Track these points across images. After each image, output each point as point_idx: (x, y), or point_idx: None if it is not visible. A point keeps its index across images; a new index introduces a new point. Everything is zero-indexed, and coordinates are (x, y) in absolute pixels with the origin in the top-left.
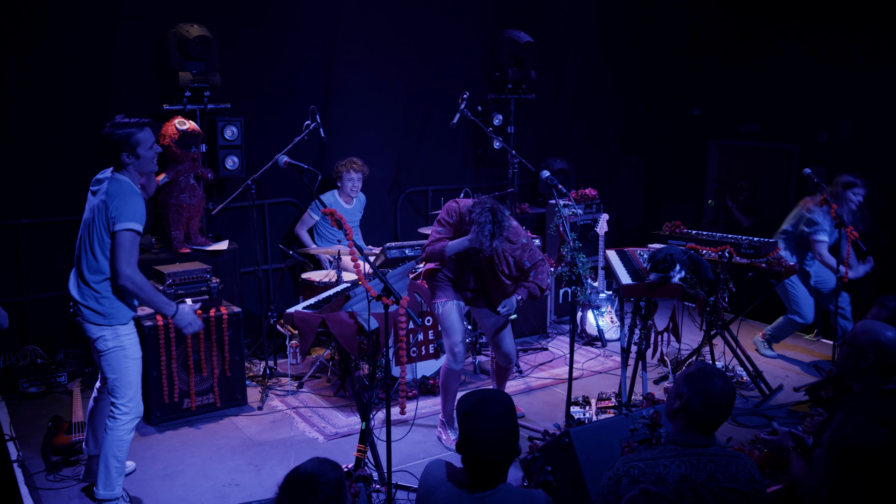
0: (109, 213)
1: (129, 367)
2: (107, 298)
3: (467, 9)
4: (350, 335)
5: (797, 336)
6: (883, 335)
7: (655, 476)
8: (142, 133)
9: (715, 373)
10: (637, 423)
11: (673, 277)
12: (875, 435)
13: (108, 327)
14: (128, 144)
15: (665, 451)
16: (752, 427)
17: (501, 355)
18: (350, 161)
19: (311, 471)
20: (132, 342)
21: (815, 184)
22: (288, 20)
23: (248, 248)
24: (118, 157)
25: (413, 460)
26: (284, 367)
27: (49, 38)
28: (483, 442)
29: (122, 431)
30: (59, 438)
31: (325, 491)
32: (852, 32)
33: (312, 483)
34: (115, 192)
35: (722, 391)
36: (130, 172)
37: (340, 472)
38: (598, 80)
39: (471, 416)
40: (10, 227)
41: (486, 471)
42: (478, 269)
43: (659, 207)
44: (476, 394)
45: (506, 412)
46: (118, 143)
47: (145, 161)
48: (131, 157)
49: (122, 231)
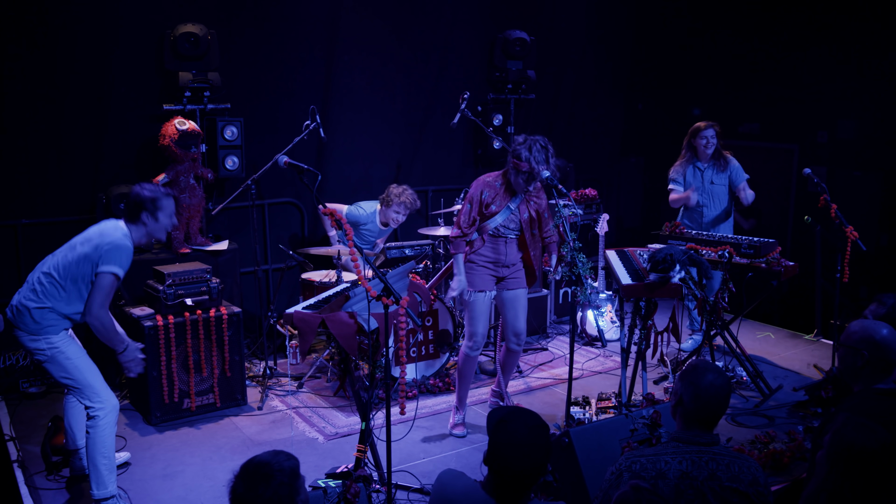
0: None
1: (78, 366)
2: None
3: (467, 8)
4: (350, 335)
5: (797, 336)
6: (877, 333)
7: (656, 471)
8: (168, 200)
9: (708, 368)
10: (637, 423)
11: (673, 277)
12: (876, 437)
13: (42, 338)
14: (154, 205)
15: (667, 448)
16: (752, 427)
17: (514, 334)
18: (405, 193)
19: (266, 460)
20: (66, 343)
21: (815, 184)
22: (288, 21)
23: (248, 248)
24: (138, 214)
25: (413, 460)
26: (284, 368)
27: (49, 37)
28: (516, 450)
29: (102, 428)
30: (58, 438)
31: (279, 478)
32: (853, 32)
33: (266, 470)
34: (112, 234)
35: (713, 384)
36: (139, 231)
37: (295, 463)
38: (599, 80)
39: (505, 424)
40: (10, 227)
41: (514, 483)
42: (517, 240)
43: (659, 207)
44: (511, 407)
45: (542, 425)
46: (144, 202)
47: (161, 227)
48: (150, 219)
49: (105, 273)
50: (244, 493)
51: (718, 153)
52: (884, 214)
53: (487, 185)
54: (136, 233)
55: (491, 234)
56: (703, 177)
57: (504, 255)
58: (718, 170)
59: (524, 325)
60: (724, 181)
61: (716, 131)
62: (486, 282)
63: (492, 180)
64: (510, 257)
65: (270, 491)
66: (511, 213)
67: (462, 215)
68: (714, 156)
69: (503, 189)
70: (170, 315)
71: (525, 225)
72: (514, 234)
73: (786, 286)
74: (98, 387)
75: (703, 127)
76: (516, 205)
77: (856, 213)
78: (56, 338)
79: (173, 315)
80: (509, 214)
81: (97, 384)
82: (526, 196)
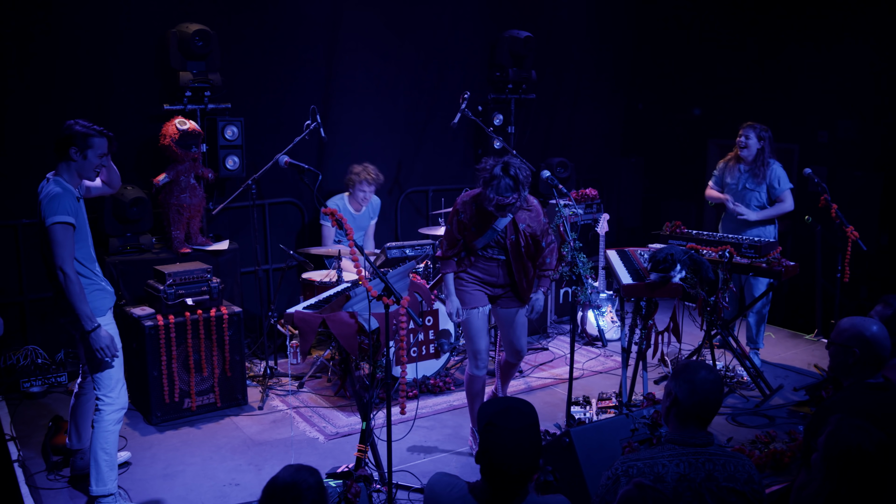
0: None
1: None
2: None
3: (468, 8)
4: (350, 335)
5: (797, 336)
6: (867, 329)
7: (654, 475)
8: (100, 140)
9: (700, 365)
10: (638, 423)
11: (673, 277)
12: (870, 437)
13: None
14: (84, 142)
15: (664, 451)
16: (753, 427)
17: (514, 352)
18: (366, 170)
19: (291, 479)
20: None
21: (816, 184)
22: (288, 20)
23: (249, 247)
24: (66, 150)
25: (414, 460)
26: (285, 367)
27: (50, 37)
28: (504, 454)
29: (107, 423)
30: (59, 438)
31: (309, 496)
32: (854, 31)
33: (295, 492)
34: (43, 190)
35: (706, 379)
36: (69, 170)
37: (319, 476)
38: (599, 80)
39: (493, 427)
40: (10, 227)
41: (506, 485)
42: (506, 263)
43: (659, 207)
44: (500, 402)
45: (530, 425)
46: (73, 138)
47: (89, 165)
48: (78, 155)
49: (50, 227)
50: None
51: (756, 160)
52: (884, 214)
53: (466, 204)
54: (67, 173)
55: (480, 254)
56: (739, 180)
57: (496, 277)
58: (753, 176)
59: (525, 344)
60: (759, 190)
61: (757, 134)
62: (479, 298)
63: (470, 200)
64: (503, 279)
65: None
66: (496, 235)
67: (444, 235)
68: (753, 160)
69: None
70: (170, 315)
71: (511, 248)
72: (502, 256)
73: (786, 286)
74: (116, 380)
75: (743, 126)
76: (503, 226)
77: (856, 213)
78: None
79: (174, 315)
80: (494, 236)
81: (116, 376)
82: (516, 216)
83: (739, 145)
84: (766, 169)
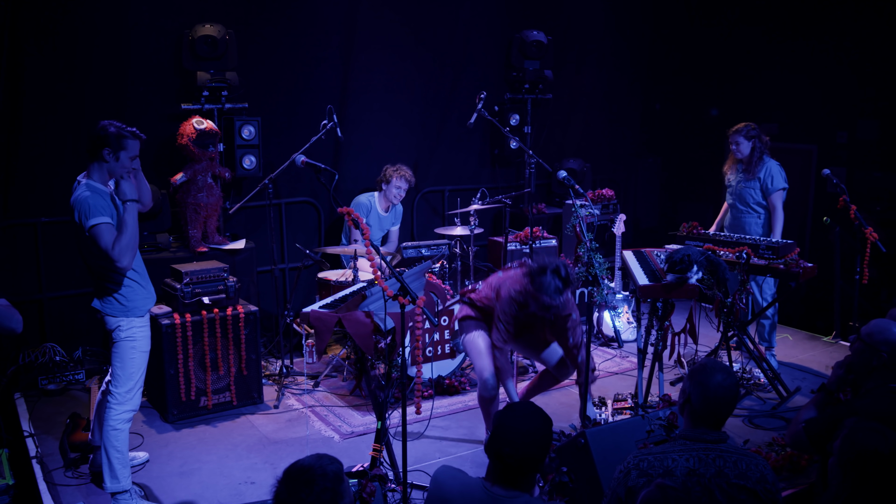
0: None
1: (135, 359)
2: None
3: (484, 9)
4: (366, 334)
5: (815, 337)
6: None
7: (664, 469)
8: (133, 142)
9: (717, 367)
10: (653, 424)
11: (690, 278)
12: (886, 441)
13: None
14: (118, 143)
15: (675, 446)
16: (770, 429)
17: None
18: (401, 168)
19: (309, 464)
20: (143, 335)
21: (835, 185)
22: (305, 20)
23: (266, 247)
24: (100, 151)
25: (428, 460)
26: (301, 366)
27: (68, 37)
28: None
29: (115, 420)
30: (77, 435)
31: (322, 483)
32: (874, 32)
33: (309, 475)
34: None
35: (721, 384)
36: (100, 171)
37: (339, 467)
38: (616, 80)
39: (508, 410)
40: (29, 225)
41: (509, 469)
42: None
43: (676, 208)
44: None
45: (543, 419)
46: (107, 139)
47: (121, 167)
48: (111, 156)
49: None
50: (287, 498)
51: (750, 158)
52: None
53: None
54: (98, 173)
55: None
56: (738, 179)
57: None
58: (747, 175)
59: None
60: (752, 186)
61: (745, 135)
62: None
63: (516, 295)
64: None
65: (313, 496)
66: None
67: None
68: (746, 160)
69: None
70: (187, 313)
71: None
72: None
73: (804, 288)
74: (134, 379)
75: (729, 133)
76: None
77: (875, 215)
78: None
79: (190, 313)
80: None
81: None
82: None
83: (733, 152)
84: (760, 165)
